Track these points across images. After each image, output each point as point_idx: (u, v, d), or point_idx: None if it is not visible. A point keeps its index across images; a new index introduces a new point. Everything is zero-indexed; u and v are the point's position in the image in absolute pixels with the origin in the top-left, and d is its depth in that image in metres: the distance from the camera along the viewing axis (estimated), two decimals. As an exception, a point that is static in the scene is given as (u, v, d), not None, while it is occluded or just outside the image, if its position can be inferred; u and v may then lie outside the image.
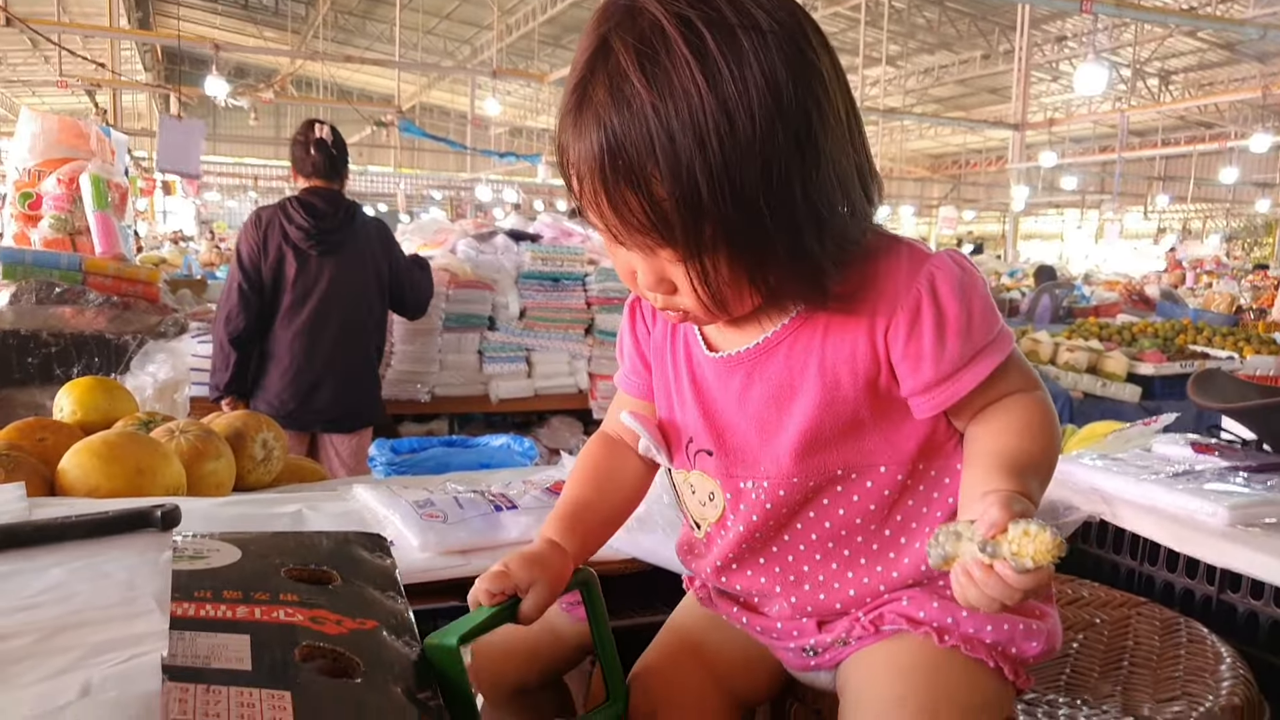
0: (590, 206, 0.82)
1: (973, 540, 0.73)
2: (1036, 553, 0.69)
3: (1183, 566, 1.34)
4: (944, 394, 0.86)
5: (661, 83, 0.75)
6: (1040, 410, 0.88)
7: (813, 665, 0.97)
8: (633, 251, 0.85)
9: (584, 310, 4.81)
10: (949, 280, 0.85)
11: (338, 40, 21.48)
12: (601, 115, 0.77)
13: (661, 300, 0.88)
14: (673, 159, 0.75)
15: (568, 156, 0.82)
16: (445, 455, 2.13)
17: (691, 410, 0.97)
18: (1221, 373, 1.77)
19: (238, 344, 3.22)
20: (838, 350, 0.88)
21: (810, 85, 0.79)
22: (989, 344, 0.87)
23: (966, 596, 0.74)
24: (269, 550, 0.93)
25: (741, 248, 0.80)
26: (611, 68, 0.78)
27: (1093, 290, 10.89)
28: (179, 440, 1.67)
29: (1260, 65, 17.86)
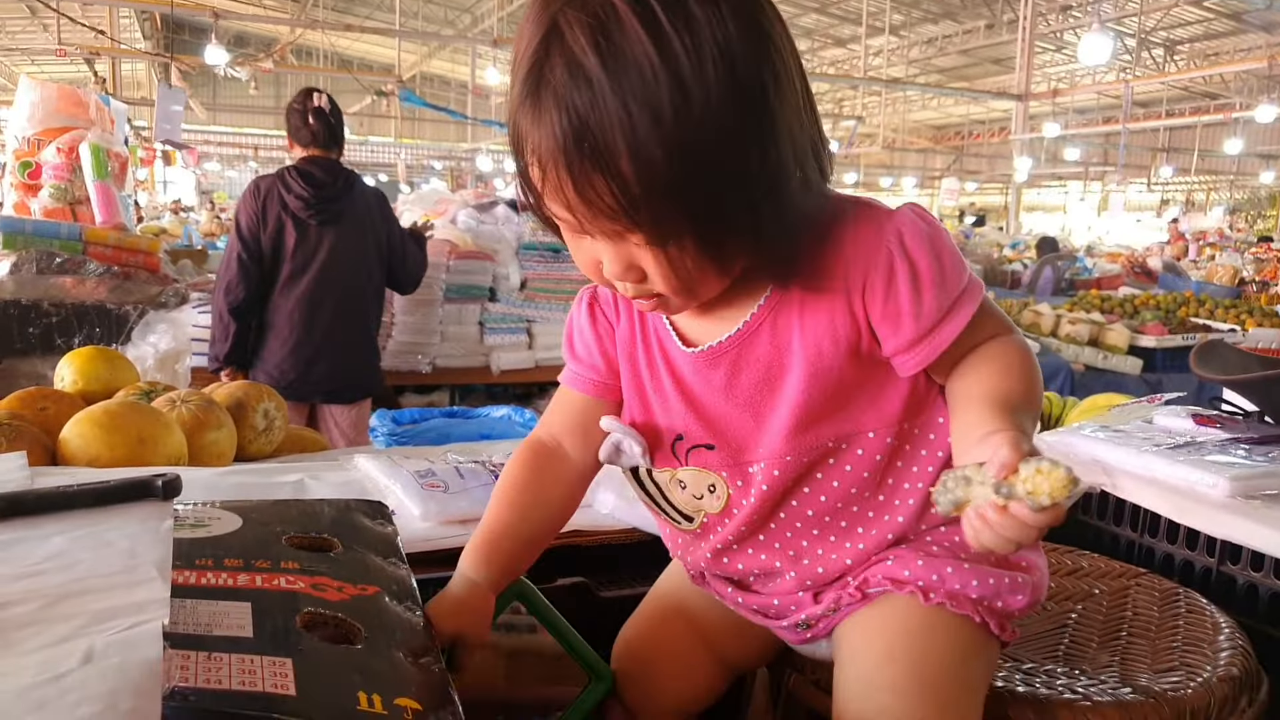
0: (555, 195, 0.79)
1: (984, 484, 0.72)
2: (1053, 489, 0.69)
3: (1183, 538, 1.34)
4: (927, 348, 0.86)
5: (617, 58, 0.73)
6: (1019, 351, 0.89)
7: (809, 638, 0.97)
8: (598, 240, 0.83)
9: (585, 281, 4.80)
10: (916, 234, 0.85)
11: (338, 9, 21.29)
12: (561, 96, 0.75)
13: (632, 289, 0.86)
14: (633, 136, 0.73)
15: (526, 145, 0.79)
16: (446, 426, 2.14)
17: (678, 408, 0.96)
18: (1224, 344, 1.76)
19: (237, 314, 3.22)
20: (817, 322, 0.88)
21: (767, 56, 0.78)
22: (962, 292, 0.87)
23: (981, 540, 0.74)
24: (270, 518, 0.93)
25: (705, 225, 0.78)
26: (566, 48, 0.75)
27: (1095, 262, 10.87)
28: (180, 410, 1.67)
29: (1267, 35, 17.69)
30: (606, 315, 1.02)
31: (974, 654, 0.89)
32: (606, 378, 1.02)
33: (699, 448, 0.96)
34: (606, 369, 1.02)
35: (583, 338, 1.03)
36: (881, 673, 0.86)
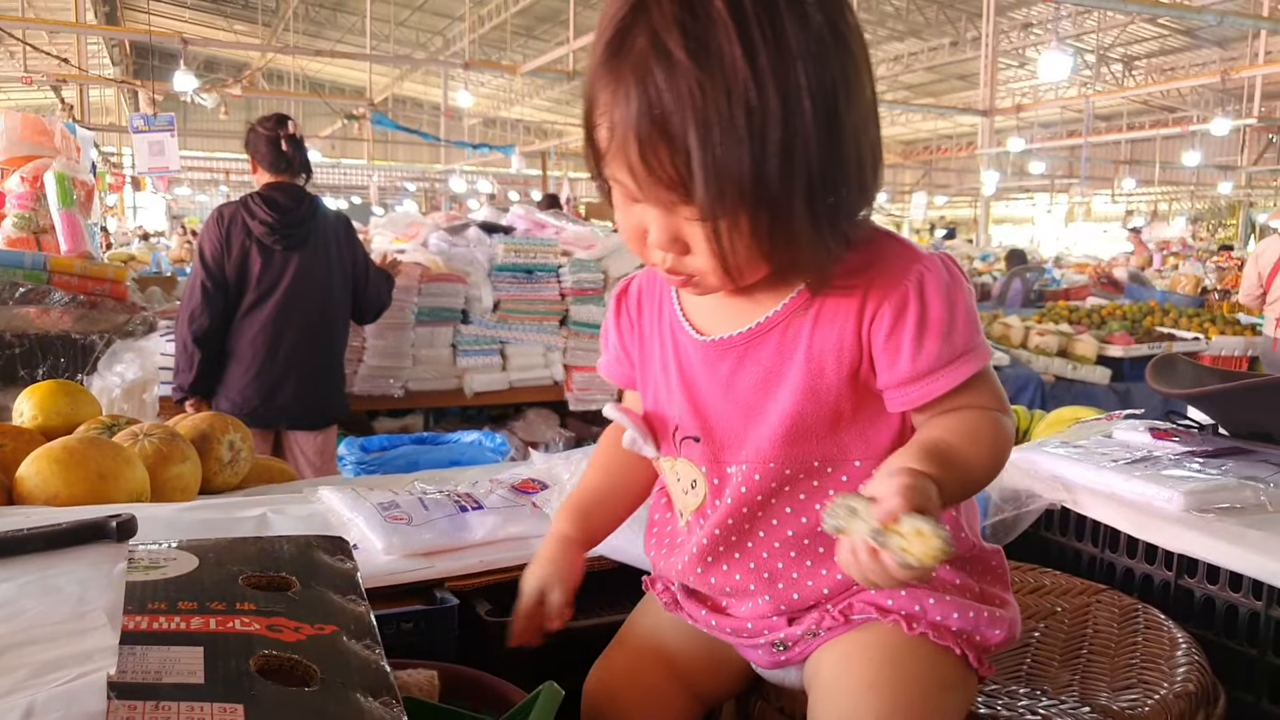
0: (619, 158, 0.83)
1: (866, 522, 0.74)
2: (923, 555, 0.71)
3: (1142, 552, 1.35)
4: (918, 392, 0.88)
5: (700, 42, 0.77)
6: (994, 429, 0.89)
7: (782, 661, 0.97)
8: (649, 208, 0.85)
9: (558, 302, 4.80)
10: (937, 282, 0.87)
11: (309, 33, 21.28)
12: (641, 66, 0.79)
13: (671, 260, 0.88)
14: (704, 115, 0.77)
15: (598, 106, 0.84)
16: (415, 453, 2.13)
17: (678, 396, 0.98)
18: (1180, 358, 1.79)
19: (202, 343, 3.19)
20: (825, 338, 0.89)
21: (843, 62, 0.82)
22: (968, 351, 0.88)
23: (846, 568, 0.77)
24: (228, 557, 0.93)
25: (762, 211, 0.81)
26: (651, 22, 0.79)
27: (1063, 273, 10.99)
28: (143, 444, 1.65)
29: (1220, 50, 18.04)
30: (630, 313, 1.06)
31: (954, 686, 0.90)
32: (627, 369, 1.08)
33: (688, 439, 0.98)
34: (627, 361, 1.08)
35: (611, 334, 1.10)
36: (865, 699, 0.86)
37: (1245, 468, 1.43)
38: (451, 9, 19.40)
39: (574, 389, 4.78)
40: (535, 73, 13.35)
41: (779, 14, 0.78)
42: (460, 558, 1.25)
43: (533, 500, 1.36)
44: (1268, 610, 1.19)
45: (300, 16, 19.79)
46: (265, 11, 20.62)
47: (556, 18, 18.17)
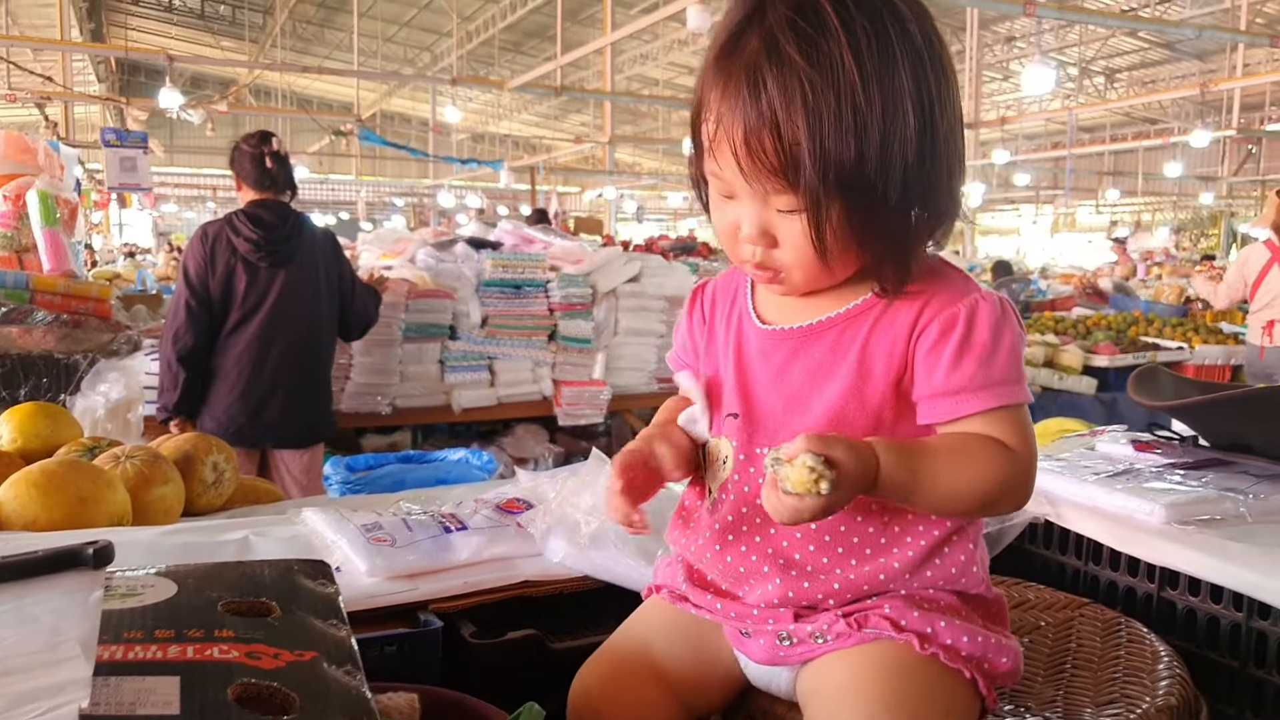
0: (723, 146, 0.89)
1: (773, 456, 0.83)
2: (796, 480, 0.80)
3: (1125, 565, 1.36)
4: (946, 406, 0.91)
5: (810, 44, 0.84)
6: (996, 456, 0.90)
7: (781, 657, 0.97)
8: (743, 202, 0.92)
9: (547, 317, 4.80)
10: (990, 314, 0.92)
11: (296, 49, 21.29)
12: (753, 65, 0.86)
13: (760, 254, 0.93)
14: (813, 111, 0.84)
15: (707, 102, 0.91)
16: (401, 472, 2.12)
17: (730, 376, 1.02)
18: (1161, 370, 1.80)
19: (186, 362, 3.18)
20: (879, 344, 0.94)
21: (937, 75, 0.89)
22: (1004, 384, 0.91)
23: (764, 498, 0.85)
24: (207, 583, 0.92)
25: (860, 201, 0.87)
26: (766, 26, 0.86)
27: (1049, 284, 11.04)
28: (124, 466, 1.64)
29: (1199, 63, 18.23)
30: (704, 308, 1.11)
31: (962, 713, 0.91)
32: (690, 359, 1.12)
33: (730, 415, 1.01)
34: (692, 351, 1.11)
35: (682, 326, 1.14)
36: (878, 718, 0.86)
37: (1225, 479, 1.43)
38: (439, 25, 19.46)
39: (563, 404, 4.78)
40: (523, 88, 13.38)
41: (884, 26, 0.86)
42: (444, 579, 1.24)
43: (517, 520, 1.35)
44: (1248, 622, 1.19)
45: (287, 33, 19.81)
46: (252, 28, 20.65)
47: (544, 33, 18.25)
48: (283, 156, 3.32)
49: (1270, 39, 10.13)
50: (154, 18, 21.66)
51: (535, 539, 1.31)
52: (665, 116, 23.78)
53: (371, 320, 3.75)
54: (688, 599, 1.04)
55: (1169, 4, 14.95)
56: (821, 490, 0.80)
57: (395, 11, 19.46)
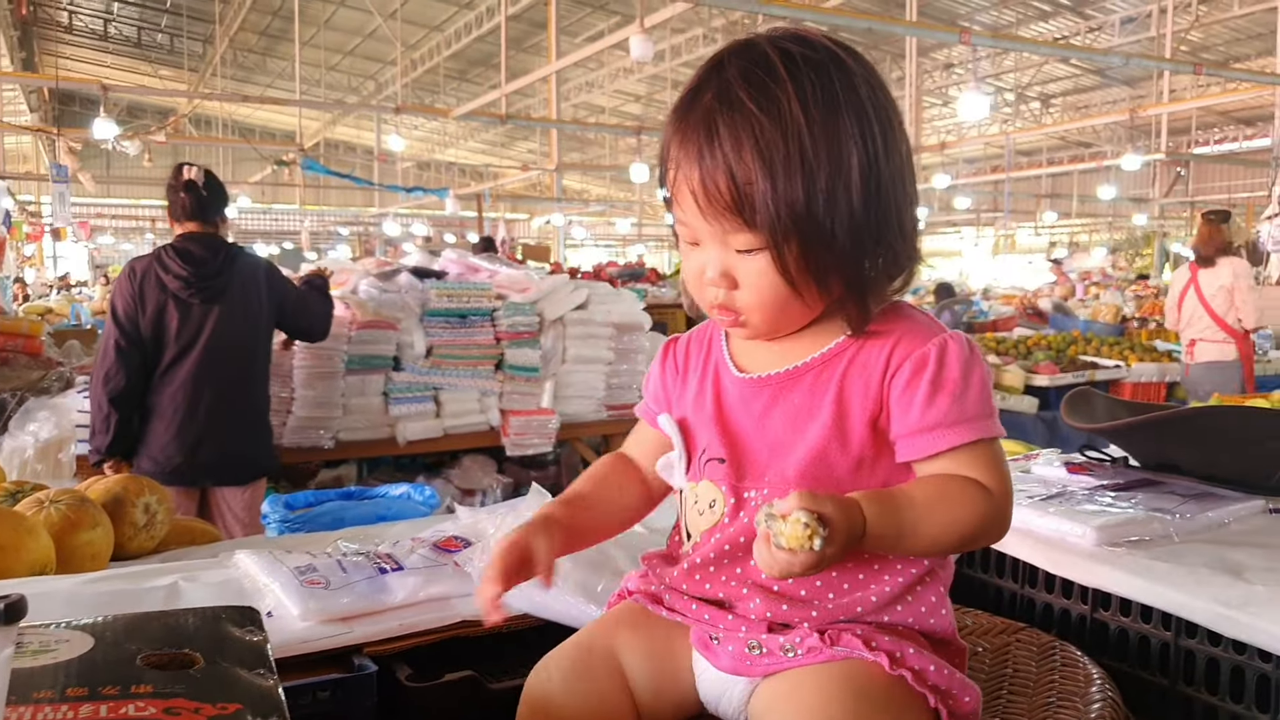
0: (683, 190, 0.95)
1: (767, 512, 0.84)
2: (790, 537, 0.82)
3: (1059, 588, 1.38)
4: (924, 442, 0.94)
5: (760, 92, 0.91)
6: (974, 499, 0.94)
7: (747, 666, 0.97)
8: (706, 247, 0.96)
9: (493, 346, 4.77)
10: (959, 353, 0.96)
11: (237, 78, 21.06)
12: (708, 112, 0.93)
13: (722, 296, 0.97)
14: (762, 151, 0.90)
15: (670, 155, 0.97)
16: (340, 509, 2.09)
17: (710, 422, 1.04)
18: (1093, 392, 1.84)
19: (118, 403, 3.10)
20: (854, 385, 0.97)
21: (882, 130, 0.94)
22: (978, 418, 0.95)
23: (756, 554, 0.86)
24: (126, 635, 0.90)
25: (809, 246, 0.92)
26: (722, 80, 0.94)
27: (990, 305, 11.25)
28: (49, 511, 1.60)
29: (1129, 89, 18.80)
30: (676, 359, 1.14)
31: None
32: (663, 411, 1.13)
33: (714, 460, 1.03)
34: (665, 403, 1.13)
35: (653, 378, 1.16)
36: None
37: (1154, 499, 1.46)
38: (383, 53, 19.41)
39: (510, 434, 4.75)
40: (468, 116, 13.37)
41: (830, 80, 0.92)
42: (379, 621, 1.22)
43: (454, 559, 1.34)
44: (1177, 641, 1.21)
45: (228, 61, 19.60)
46: (192, 56, 20.40)
47: (489, 61, 18.27)
48: (195, 184, 3.23)
49: (1193, 66, 10.46)
50: (89, 46, 21.31)
51: (473, 577, 1.30)
52: (612, 143, 23.93)
53: (328, 314, 3.69)
54: (662, 601, 1.05)
55: (1098, 33, 15.41)
56: (814, 546, 0.82)
57: (339, 40, 19.36)
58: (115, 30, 20.58)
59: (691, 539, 1.06)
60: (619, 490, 1.15)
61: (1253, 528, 1.40)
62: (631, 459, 1.17)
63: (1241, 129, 20.72)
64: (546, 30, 14.36)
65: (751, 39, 0.97)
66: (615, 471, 1.16)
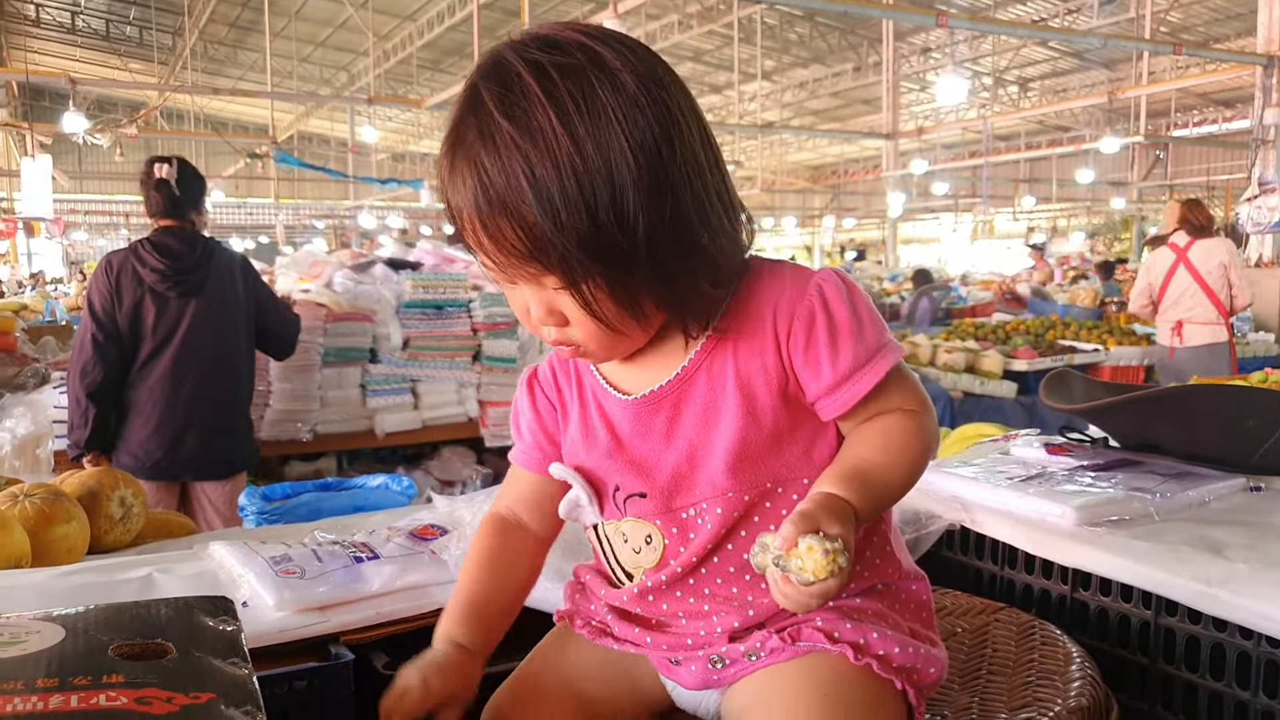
0: (474, 242, 0.88)
1: (772, 553, 0.81)
2: (815, 568, 0.77)
3: (1039, 568, 1.38)
4: (845, 394, 0.92)
5: (521, 121, 0.82)
6: (912, 431, 0.93)
7: (714, 680, 0.96)
8: (520, 285, 0.89)
9: (470, 337, 4.75)
10: (836, 291, 0.92)
11: (208, 71, 20.82)
12: (472, 153, 0.84)
13: (555, 333, 0.92)
14: (536, 188, 0.82)
15: (447, 197, 0.88)
16: (318, 500, 2.07)
17: (614, 456, 0.99)
18: (1071, 373, 1.84)
19: (96, 397, 3.07)
20: (750, 364, 0.93)
21: (660, 117, 0.85)
22: (880, 349, 0.92)
23: (780, 602, 0.82)
24: (98, 626, 0.88)
25: (615, 273, 0.85)
26: (480, 112, 0.85)
27: (969, 290, 11.29)
28: (23, 505, 1.58)
29: (1108, 72, 18.88)
30: (545, 391, 1.07)
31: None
32: (551, 454, 1.06)
33: (633, 496, 0.98)
34: (549, 444, 1.07)
35: (524, 418, 1.09)
36: None
37: (1134, 479, 1.47)
38: (355, 44, 19.23)
39: (489, 424, 4.73)
40: (442, 106, 13.28)
41: (590, 84, 0.83)
42: (356, 610, 1.21)
43: (430, 547, 1.33)
44: (1157, 619, 1.22)
45: (198, 54, 19.37)
46: (161, 49, 20.16)
47: (462, 50, 18.14)
48: (166, 182, 3.19)
49: (1173, 47, 10.52)
50: (56, 39, 21.01)
51: (449, 565, 1.29)
52: (587, 132, 23.78)
53: (295, 331, 3.66)
54: (610, 633, 1.02)
55: (1077, 15, 15.47)
56: (842, 565, 0.78)
57: (310, 31, 19.17)
58: (83, 23, 20.29)
59: (634, 579, 1.01)
60: (513, 570, 1.07)
61: (1233, 506, 1.41)
62: (511, 520, 1.09)
63: (1221, 111, 20.86)
64: (520, 18, 14.27)
65: (500, 55, 0.86)
66: (500, 548, 1.07)
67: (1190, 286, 5.74)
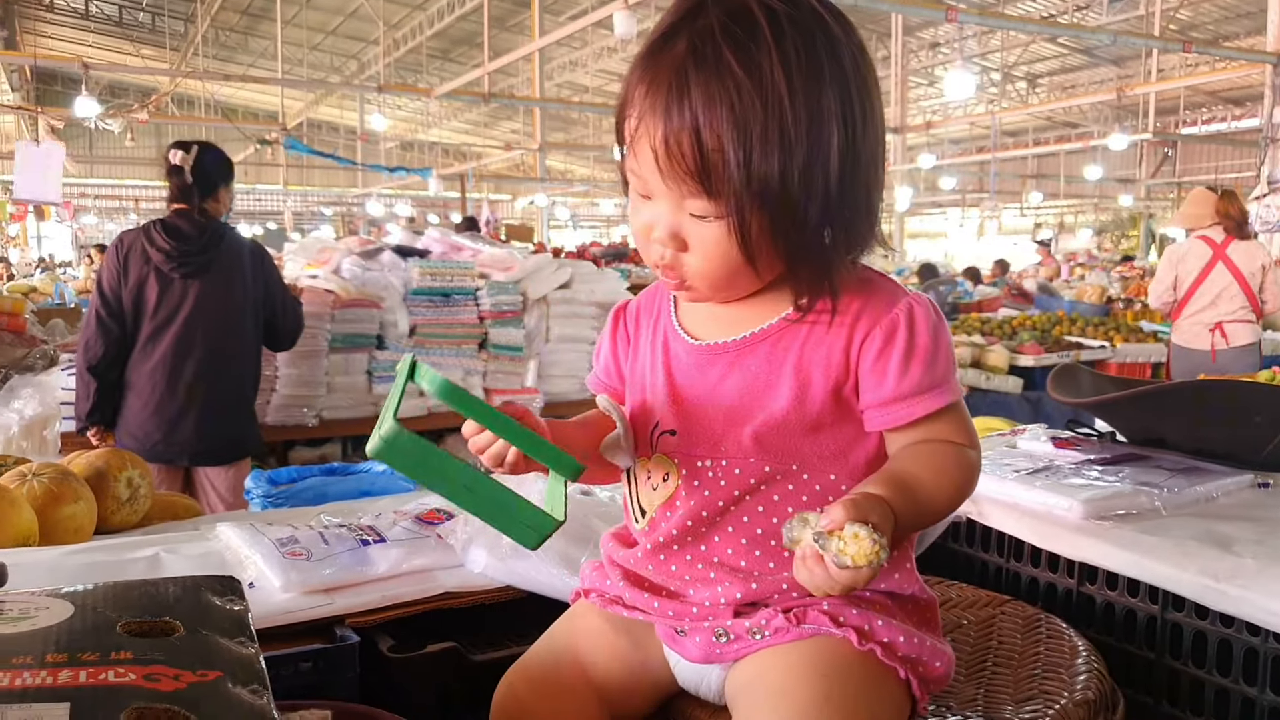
0: (644, 142, 0.88)
1: (814, 529, 0.80)
2: (856, 555, 0.78)
3: (1045, 561, 1.38)
4: (899, 411, 0.93)
5: (743, 53, 0.84)
6: (960, 461, 0.94)
7: (718, 654, 0.96)
8: (657, 204, 0.91)
9: (477, 325, 4.74)
10: (926, 316, 0.94)
11: (220, 57, 20.82)
12: (679, 64, 0.86)
13: (669, 257, 0.93)
14: (737, 121, 0.83)
15: (632, 94, 0.90)
16: (324, 485, 2.07)
17: (661, 394, 1.02)
18: (1079, 368, 1.84)
19: (96, 372, 3.10)
20: (814, 352, 0.95)
21: (862, 103, 0.89)
22: (946, 383, 0.94)
23: (799, 576, 0.83)
24: (106, 603, 0.88)
25: (772, 221, 0.87)
26: (698, 28, 0.86)
27: (975, 285, 11.25)
28: (32, 484, 1.58)
29: (1116, 68, 18.79)
30: (626, 325, 1.11)
31: (894, 711, 0.92)
32: (615, 382, 1.11)
33: (665, 434, 1.01)
34: (616, 375, 1.11)
35: (604, 346, 1.13)
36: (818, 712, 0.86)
37: (1141, 473, 1.46)
38: (366, 32, 19.23)
39: (495, 412, 4.73)
40: (451, 95, 13.27)
41: (815, 46, 0.86)
42: (362, 593, 1.22)
43: (437, 531, 1.33)
44: (1163, 614, 1.21)
45: (210, 41, 19.37)
46: (173, 36, 20.16)
47: (472, 40, 18.12)
48: (179, 169, 3.21)
49: (1182, 44, 10.46)
50: (69, 24, 21.02)
51: (455, 550, 1.29)
52: (596, 123, 23.80)
53: (299, 326, 3.66)
54: (621, 601, 1.03)
55: (1086, 10, 15.40)
56: (882, 559, 0.79)
57: (321, 19, 19.15)
58: (97, 9, 20.31)
59: (646, 515, 1.03)
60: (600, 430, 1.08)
61: (1241, 501, 1.41)
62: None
63: (1230, 109, 20.76)
64: (530, 8, 14.24)
65: None
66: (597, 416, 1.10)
67: (1230, 286, 5.30)
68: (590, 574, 1.09)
